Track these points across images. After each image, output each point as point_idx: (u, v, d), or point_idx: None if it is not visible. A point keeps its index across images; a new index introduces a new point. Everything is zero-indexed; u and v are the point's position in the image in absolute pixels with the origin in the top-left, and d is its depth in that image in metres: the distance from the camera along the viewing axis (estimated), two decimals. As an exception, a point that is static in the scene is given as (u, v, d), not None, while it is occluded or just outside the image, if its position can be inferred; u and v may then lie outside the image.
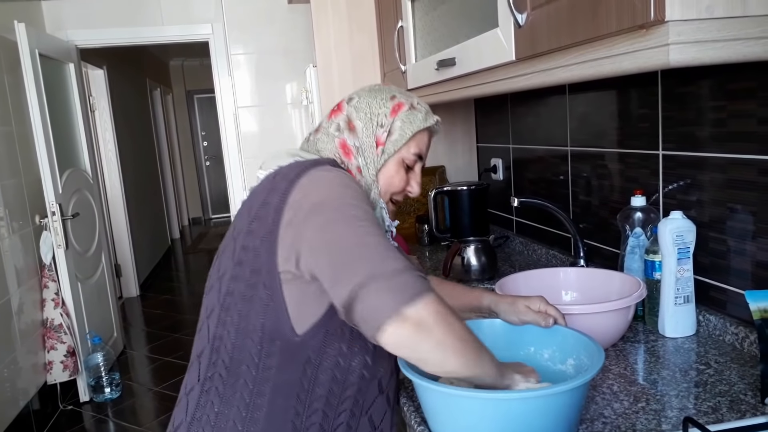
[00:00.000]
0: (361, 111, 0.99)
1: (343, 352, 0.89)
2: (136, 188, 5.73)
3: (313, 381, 0.88)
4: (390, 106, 0.99)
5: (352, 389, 0.91)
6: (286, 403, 0.88)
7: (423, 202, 2.38)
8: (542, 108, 1.90)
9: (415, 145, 1.00)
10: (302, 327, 0.86)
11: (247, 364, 0.88)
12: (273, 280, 0.85)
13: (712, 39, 0.77)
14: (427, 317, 0.73)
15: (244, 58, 3.70)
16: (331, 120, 1.01)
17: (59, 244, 3.12)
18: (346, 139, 0.98)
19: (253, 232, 0.87)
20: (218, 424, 0.89)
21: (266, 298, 0.86)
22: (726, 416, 0.91)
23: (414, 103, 1.01)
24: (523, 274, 1.39)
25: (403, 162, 1.00)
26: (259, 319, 0.87)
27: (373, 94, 1.01)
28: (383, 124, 0.98)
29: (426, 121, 1.00)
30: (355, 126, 0.98)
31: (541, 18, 1.06)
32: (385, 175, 0.99)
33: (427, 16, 1.83)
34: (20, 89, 3.04)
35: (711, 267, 1.26)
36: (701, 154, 1.24)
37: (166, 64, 8.48)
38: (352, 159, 0.98)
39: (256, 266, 0.86)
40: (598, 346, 0.90)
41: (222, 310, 0.91)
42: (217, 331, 0.91)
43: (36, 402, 2.95)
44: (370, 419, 0.94)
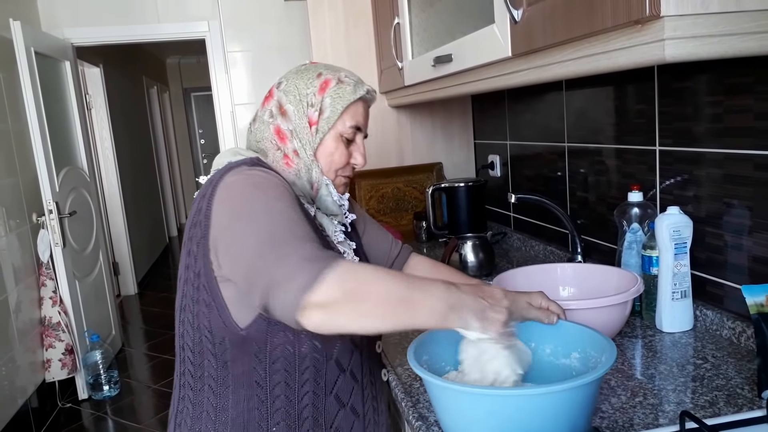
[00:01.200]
0: (290, 94, 1.00)
1: (289, 339, 0.92)
2: (134, 186, 5.72)
3: (267, 369, 0.92)
4: (317, 84, 0.99)
5: (309, 372, 0.93)
6: (248, 392, 0.92)
7: (420, 199, 2.38)
8: (539, 104, 1.90)
9: (350, 118, 1.00)
10: (244, 322, 0.90)
11: (207, 358, 0.94)
12: (210, 282, 0.90)
13: (708, 34, 0.77)
14: (330, 296, 0.73)
15: (240, 56, 3.69)
16: (265, 107, 1.03)
17: (57, 242, 3.12)
18: (279, 125, 1.00)
19: (192, 238, 0.92)
20: (195, 414, 0.95)
21: (208, 298, 0.91)
22: (723, 410, 0.91)
23: (341, 77, 1.01)
24: (520, 270, 1.39)
25: (341, 137, 1.00)
26: (205, 318, 0.92)
27: (300, 75, 1.01)
28: (313, 103, 0.98)
29: (355, 93, 1.00)
30: (286, 110, 0.99)
31: (536, 14, 1.06)
32: (324, 152, 1.00)
33: (423, 13, 1.83)
34: (16, 87, 3.03)
35: (708, 262, 1.26)
36: (698, 149, 1.24)
37: (163, 61, 8.46)
38: (287, 143, 0.99)
39: (197, 270, 0.91)
40: (607, 339, 0.90)
41: (181, 311, 0.96)
42: (180, 330, 0.97)
43: (34, 400, 2.95)
44: (336, 397, 0.96)
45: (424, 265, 1.24)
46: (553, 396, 0.78)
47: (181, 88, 8.89)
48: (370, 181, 2.34)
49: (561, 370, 0.97)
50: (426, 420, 0.96)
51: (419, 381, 1.10)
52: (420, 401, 1.03)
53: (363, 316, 0.75)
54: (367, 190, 2.34)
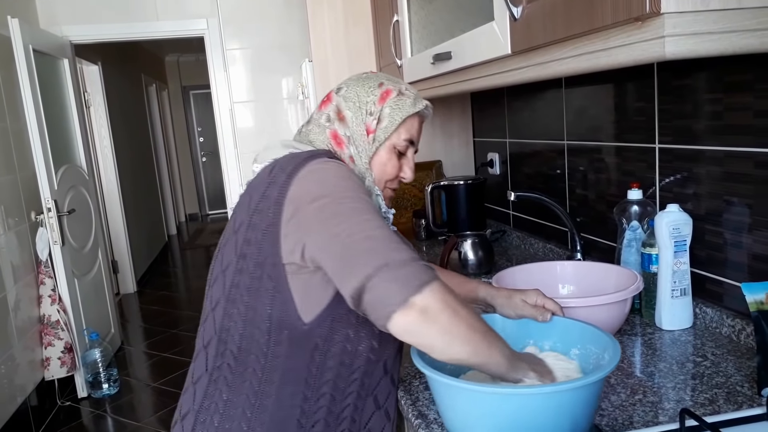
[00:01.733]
0: (350, 100, 0.99)
1: (350, 337, 0.90)
2: (133, 184, 5.71)
3: (321, 366, 0.90)
4: (378, 94, 0.99)
5: (358, 372, 0.92)
6: (294, 388, 0.90)
7: (420, 197, 2.38)
8: (539, 102, 1.90)
9: (405, 131, 1.00)
10: (309, 315, 0.88)
11: (255, 353, 0.90)
12: (278, 271, 0.87)
13: (708, 31, 0.77)
14: (433, 304, 0.75)
15: (239, 53, 3.69)
16: (322, 111, 1.02)
17: (55, 240, 3.11)
18: (336, 130, 0.99)
19: (255, 225, 0.88)
20: (227, 412, 0.91)
21: (272, 289, 0.87)
22: (723, 408, 0.91)
23: (402, 89, 1.01)
24: (520, 268, 1.39)
25: (395, 148, 1.00)
26: (266, 309, 0.88)
27: (361, 83, 1.01)
28: (372, 112, 0.98)
29: (415, 106, 1.00)
30: (345, 116, 0.99)
31: (536, 11, 1.06)
32: (378, 162, 1.00)
33: (422, 10, 1.82)
34: (14, 85, 3.03)
35: (707, 260, 1.26)
36: (698, 147, 1.24)
37: (162, 59, 8.45)
38: (344, 149, 0.98)
39: (260, 259, 0.88)
40: (609, 336, 0.90)
41: (228, 302, 0.92)
42: (224, 323, 0.92)
43: (34, 398, 2.95)
44: (375, 399, 0.96)
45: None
46: (558, 395, 0.78)
47: (180, 85, 8.88)
48: (369, 179, 2.33)
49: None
50: (425, 417, 0.96)
51: (418, 379, 1.10)
52: (419, 399, 1.03)
53: (452, 335, 0.77)
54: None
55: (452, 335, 0.77)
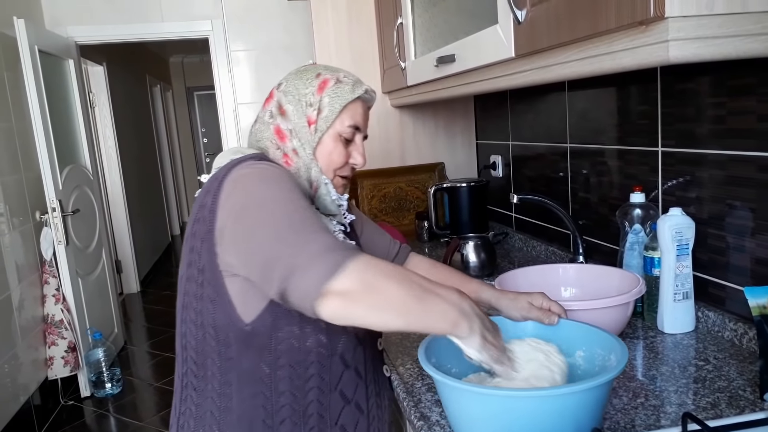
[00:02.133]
0: (290, 94, 1.01)
1: (295, 333, 0.91)
2: (137, 185, 5.73)
3: (273, 365, 0.92)
4: (316, 84, 0.99)
5: (314, 367, 0.93)
6: (253, 389, 0.92)
7: (422, 199, 2.38)
8: (542, 105, 1.90)
9: (348, 118, 1.00)
10: (249, 316, 0.90)
11: (211, 357, 0.93)
12: (215, 277, 0.89)
13: (712, 35, 0.77)
14: (351, 285, 0.74)
15: (243, 55, 3.70)
16: (265, 108, 1.04)
17: (60, 240, 3.12)
18: (279, 124, 1.00)
19: (195, 234, 0.91)
20: (198, 415, 0.95)
21: (212, 294, 0.90)
22: (725, 412, 0.91)
23: (340, 77, 1.01)
24: (522, 271, 1.39)
25: (340, 136, 1.01)
26: (210, 314, 0.92)
27: (299, 75, 1.02)
28: (312, 102, 0.99)
29: (354, 92, 1.00)
30: (286, 110, 1.00)
31: (540, 15, 1.06)
32: (323, 152, 1.00)
33: (426, 13, 1.83)
34: (20, 85, 3.04)
35: (710, 263, 1.26)
36: (700, 150, 1.24)
37: (166, 60, 8.47)
38: (287, 142, 1.00)
39: (200, 266, 0.91)
40: (615, 338, 0.90)
41: (183, 309, 0.96)
42: (182, 329, 0.97)
43: (37, 397, 2.96)
44: (341, 394, 0.96)
45: (424, 265, 1.23)
46: (563, 398, 0.78)
47: (184, 86, 8.89)
48: (372, 181, 2.34)
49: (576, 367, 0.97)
50: (428, 419, 0.97)
51: (421, 380, 1.11)
52: (422, 401, 1.03)
53: (380, 309, 0.76)
54: (369, 189, 2.35)
55: (380, 310, 0.76)
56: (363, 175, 2.32)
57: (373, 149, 2.36)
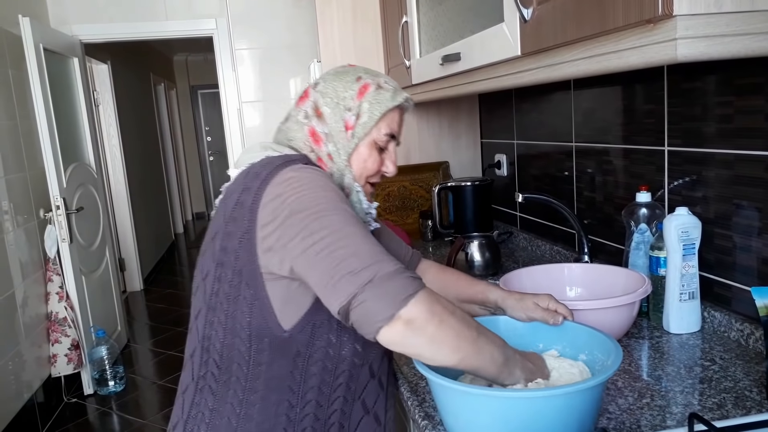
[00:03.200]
0: (328, 96, 0.97)
1: (332, 342, 0.89)
2: (140, 183, 5.73)
3: (304, 373, 0.89)
4: (356, 89, 0.96)
5: (343, 377, 0.91)
6: (279, 396, 0.89)
7: (427, 198, 2.38)
8: (547, 104, 1.90)
9: (385, 126, 0.98)
10: (289, 323, 0.87)
11: (237, 362, 0.89)
12: (255, 280, 0.85)
13: (721, 34, 0.77)
14: (418, 316, 0.75)
15: (248, 53, 3.70)
16: (299, 107, 1.00)
17: (63, 238, 3.13)
18: (315, 126, 0.97)
19: (231, 233, 0.87)
20: (212, 422, 0.90)
21: (250, 297, 0.86)
22: (731, 412, 0.91)
23: (381, 83, 0.98)
24: (527, 270, 1.38)
25: (375, 144, 0.98)
26: (245, 318, 0.87)
27: (339, 77, 0.98)
28: (351, 107, 0.95)
29: (394, 100, 0.97)
30: (323, 112, 0.96)
31: (547, 13, 1.06)
32: (358, 158, 0.97)
33: (431, 11, 1.82)
34: (25, 84, 3.05)
35: (716, 263, 1.25)
36: (707, 150, 1.24)
37: (170, 59, 8.48)
38: (322, 146, 0.96)
39: (237, 267, 0.86)
40: (614, 343, 0.89)
41: (209, 311, 0.91)
42: (206, 332, 0.91)
43: (40, 395, 2.97)
44: (363, 403, 0.95)
45: (432, 270, 1.21)
46: (553, 399, 0.78)
47: (188, 85, 8.91)
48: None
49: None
50: (432, 419, 0.96)
51: (425, 380, 1.10)
52: (426, 400, 1.03)
53: (439, 343, 0.77)
54: (374, 188, 2.34)
55: (439, 344, 0.77)
56: (367, 173, 2.31)
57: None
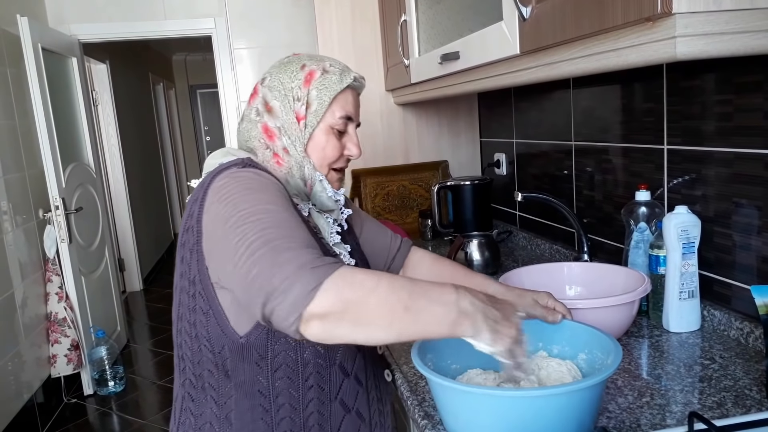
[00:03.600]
0: (275, 89, 0.96)
1: (291, 345, 0.89)
2: (139, 183, 5.73)
3: (270, 377, 0.89)
4: (302, 77, 0.95)
5: (312, 378, 0.91)
6: (251, 402, 0.89)
7: (426, 197, 2.38)
8: (546, 102, 1.89)
9: (339, 109, 0.96)
10: (243, 329, 0.87)
11: (208, 368, 0.90)
12: (207, 289, 0.86)
13: (720, 31, 0.77)
14: (330, 306, 0.69)
15: (246, 53, 3.70)
16: (251, 105, 0.99)
17: (63, 238, 3.13)
18: (267, 122, 0.96)
19: (184, 244, 0.88)
20: (198, 426, 0.93)
21: (205, 306, 0.88)
22: (731, 411, 0.91)
23: (326, 66, 0.96)
24: (526, 269, 1.38)
25: (332, 129, 0.96)
26: (203, 327, 0.89)
27: (284, 68, 0.97)
28: (299, 97, 0.94)
29: (342, 82, 0.95)
30: (273, 106, 0.95)
31: (545, 11, 1.05)
32: (315, 147, 0.96)
33: (430, 10, 1.82)
34: (23, 83, 3.04)
35: (716, 262, 1.25)
36: (706, 148, 1.24)
37: (169, 58, 8.47)
38: (276, 141, 0.95)
39: (191, 277, 0.88)
40: (614, 342, 0.89)
41: (178, 320, 0.93)
42: (178, 340, 0.94)
43: (40, 395, 2.96)
44: (341, 403, 0.95)
45: (426, 260, 1.21)
46: (554, 398, 0.78)
47: (187, 84, 8.89)
48: (375, 179, 2.34)
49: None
50: (431, 418, 0.96)
51: (424, 379, 1.10)
52: (425, 399, 1.03)
53: (364, 326, 0.71)
54: (373, 187, 2.34)
55: (366, 326, 0.71)
56: (366, 173, 2.31)
57: (377, 147, 2.36)
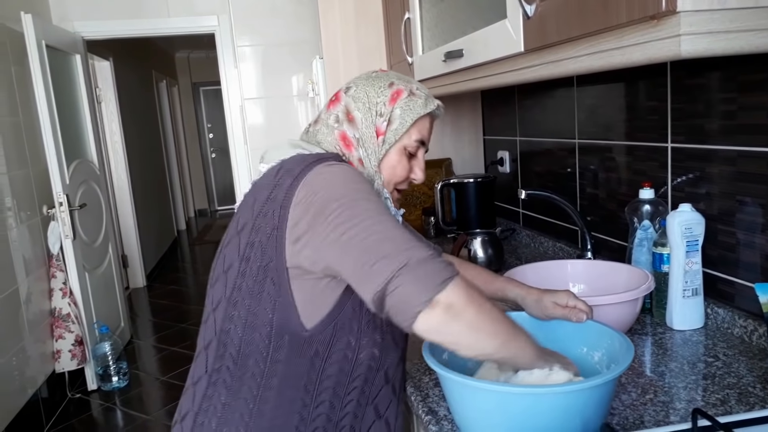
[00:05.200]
0: (360, 101, 0.96)
1: (350, 345, 0.89)
2: (143, 180, 5.74)
3: (321, 373, 0.89)
4: (389, 94, 0.96)
5: (359, 380, 0.91)
6: (294, 394, 0.89)
7: (429, 195, 2.38)
8: (550, 100, 1.89)
9: (416, 132, 0.97)
10: (311, 322, 0.87)
11: (255, 357, 0.89)
12: (281, 276, 0.85)
13: (725, 30, 0.77)
14: (457, 300, 0.74)
15: (250, 50, 3.70)
16: (330, 111, 0.99)
17: (67, 234, 3.14)
18: (345, 131, 0.96)
19: (259, 228, 0.87)
20: (225, 416, 0.90)
21: (274, 293, 0.86)
22: (734, 408, 0.91)
23: (413, 89, 0.97)
24: (530, 266, 1.39)
25: (405, 150, 0.98)
26: (267, 314, 0.87)
27: (371, 82, 0.98)
28: (382, 113, 0.95)
29: (426, 107, 0.97)
30: (354, 117, 0.96)
31: (550, 9, 1.05)
32: (388, 164, 0.97)
33: (434, 8, 1.82)
34: (27, 80, 3.05)
35: (719, 260, 1.25)
36: (710, 146, 1.24)
37: (172, 56, 8.48)
38: (352, 151, 0.96)
39: (263, 263, 0.86)
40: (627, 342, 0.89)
41: (229, 305, 0.90)
42: (225, 325, 0.91)
43: (44, 390, 2.98)
44: (375, 408, 0.95)
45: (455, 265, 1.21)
46: (566, 395, 0.78)
47: (190, 82, 8.90)
48: (379, 176, 2.34)
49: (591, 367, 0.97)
50: (435, 414, 0.97)
51: (428, 375, 1.11)
52: (429, 395, 1.03)
53: (478, 329, 0.76)
54: (376, 185, 2.34)
55: (479, 330, 0.76)
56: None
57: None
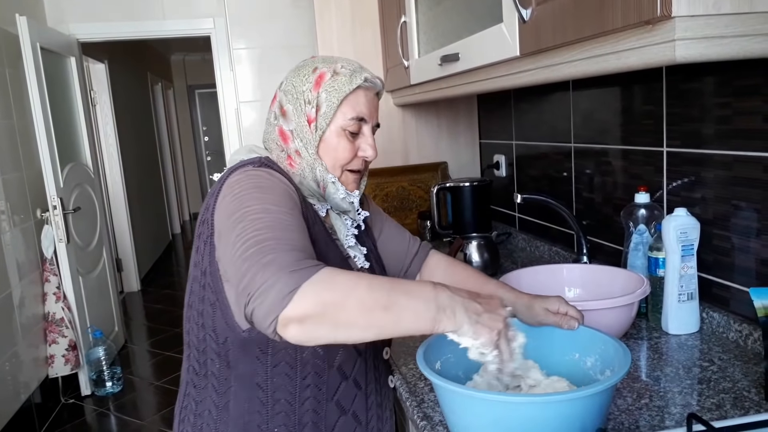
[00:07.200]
0: (289, 93, 0.98)
1: (291, 344, 0.87)
2: (138, 183, 5.72)
3: (269, 372, 0.92)
4: (313, 80, 0.96)
5: (310, 378, 0.93)
6: (249, 393, 0.92)
7: (425, 198, 2.38)
8: (546, 104, 1.90)
9: (350, 110, 0.96)
10: (246, 323, 0.88)
11: (211, 357, 0.94)
12: (215, 281, 0.90)
13: (720, 35, 0.77)
14: (307, 309, 0.69)
15: (246, 53, 3.69)
16: (270, 110, 1.03)
17: (60, 238, 3.12)
18: (282, 126, 0.99)
19: (200, 235, 0.92)
20: (198, 412, 0.96)
21: (212, 297, 0.91)
22: (730, 413, 0.91)
23: (337, 68, 0.96)
24: (526, 271, 1.38)
25: (344, 131, 0.96)
26: (210, 317, 0.92)
27: (297, 72, 0.99)
28: (309, 100, 0.96)
29: (351, 83, 0.95)
30: (286, 110, 0.98)
31: (545, 13, 1.06)
32: (327, 149, 0.97)
33: (430, 12, 1.82)
34: (21, 83, 3.04)
35: (715, 264, 1.26)
36: (706, 151, 1.24)
37: (168, 58, 8.47)
38: (289, 143, 0.98)
39: (203, 268, 0.91)
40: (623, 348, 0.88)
41: (187, 308, 0.97)
42: (186, 327, 0.98)
43: (38, 395, 2.96)
44: (337, 404, 0.96)
45: (442, 264, 1.18)
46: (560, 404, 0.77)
47: (186, 84, 8.89)
48: (374, 180, 2.34)
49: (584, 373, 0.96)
50: (431, 419, 0.96)
51: (424, 381, 1.10)
52: (424, 401, 1.03)
53: (343, 327, 0.72)
54: (372, 189, 2.34)
55: (346, 327, 0.72)
56: (365, 174, 2.31)
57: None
